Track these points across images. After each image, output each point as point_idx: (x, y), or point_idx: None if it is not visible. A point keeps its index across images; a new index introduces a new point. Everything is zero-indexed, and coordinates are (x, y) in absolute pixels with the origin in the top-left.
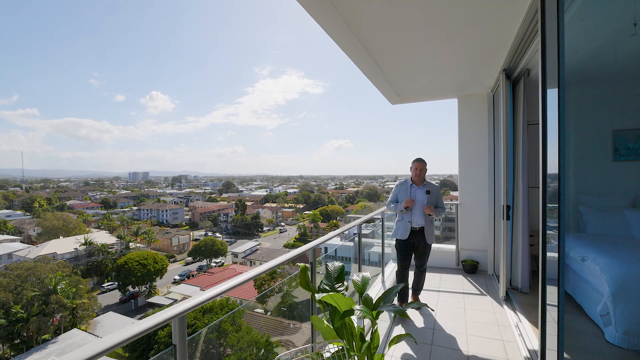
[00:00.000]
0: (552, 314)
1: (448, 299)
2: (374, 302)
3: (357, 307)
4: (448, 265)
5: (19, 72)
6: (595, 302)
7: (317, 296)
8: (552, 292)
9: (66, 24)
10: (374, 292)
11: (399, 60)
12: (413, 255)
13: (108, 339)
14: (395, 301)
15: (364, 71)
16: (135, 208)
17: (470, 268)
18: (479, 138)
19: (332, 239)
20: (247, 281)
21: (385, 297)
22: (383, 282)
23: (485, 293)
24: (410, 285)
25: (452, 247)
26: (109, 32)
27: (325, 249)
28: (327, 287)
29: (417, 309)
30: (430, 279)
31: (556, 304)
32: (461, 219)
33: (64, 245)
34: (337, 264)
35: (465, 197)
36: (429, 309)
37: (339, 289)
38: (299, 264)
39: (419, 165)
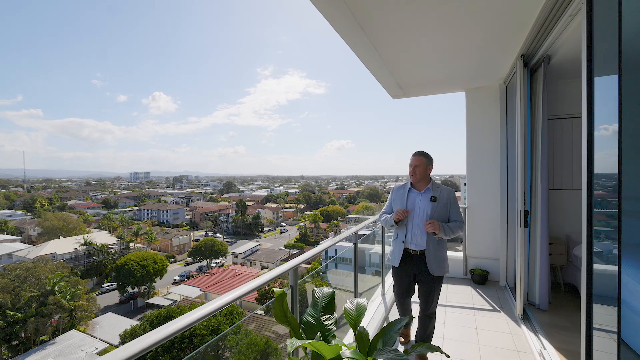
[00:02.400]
0: (603, 343)
1: (457, 315)
2: (370, 338)
3: (346, 352)
4: (455, 274)
5: (23, 73)
6: (637, 329)
7: (291, 343)
8: (602, 314)
9: (69, 24)
10: (372, 309)
11: (400, 44)
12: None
13: None
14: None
15: (361, 57)
16: (136, 208)
17: (479, 278)
18: (489, 136)
19: (332, 240)
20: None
21: (386, 333)
22: (383, 294)
23: (498, 309)
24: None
25: (460, 254)
26: (111, 32)
27: (326, 251)
28: (312, 320)
29: (425, 355)
30: None
31: (615, 330)
32: (469, 224)
33: (64, 246)
34: (326, 289)
35: (474, 200)
36: (444, 355)
37: (325, 322)
38: (274, 289)
39: (414, 160)
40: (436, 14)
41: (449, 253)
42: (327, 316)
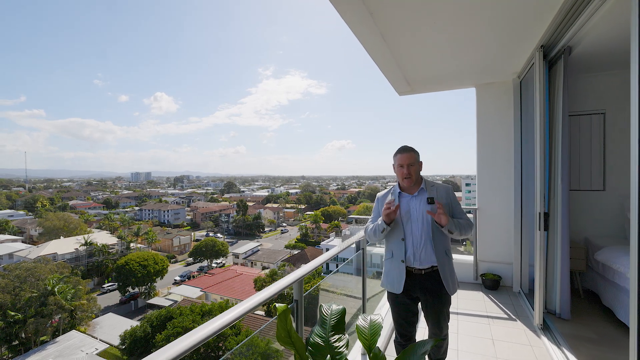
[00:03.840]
0: None
1: (470, 325)
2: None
3: None
4: (465, 279)
5: (27, 73)
6: None
7: None
8: None
9: (71, 25)
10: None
11: (410, 33)
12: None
13: None
14: None
15: (368, 49)
16: (137, 208)
17: (491, 283)
18: (501, 134)
19: (333, 241)
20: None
21: (407, 358)
22: None
23: (514, 317)
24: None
25: (470, 258)
26: (112, 33)
27: (327, 249)
28: (320, 341)
29: None
30: None
31: None
32: (480, 226)
33: (65, 246)
34: (335, 306)
35: (485, 201)
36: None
37: (335, 343)
38: (277, 304)
39: (407, 158)
40: (451, 1)
41: (459, 256)
42: (337, 336)
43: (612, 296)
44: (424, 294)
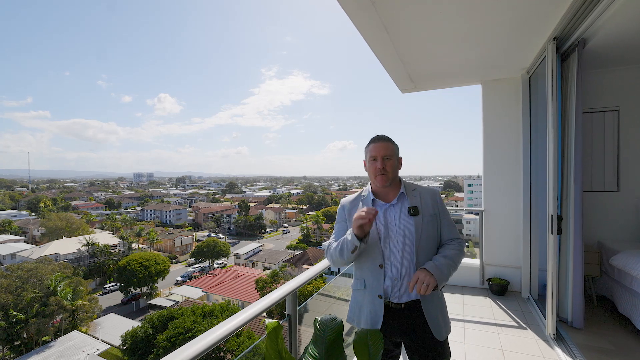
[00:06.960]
0: None
1: (477, 333)
2: None
3: None
4: (470, 283)
5: (31, 74)
6: None
7: None
8: None
9: (74, 25)
10: None
11: (415, 25)
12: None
13: None
14: None
15: (370, 42)
16: (139, 209)
17: (498, 289)
18: (509, 133)
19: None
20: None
21: None
22: None
23: (524, 326)
24: None
25: (475, 261)
26: (116, 34)
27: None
28: None
29: None
30: (452, 300)
31: None
32: (486, 229)
33: (67, 246)
34: (331, 319)
35: (492, 203)
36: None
37: None
38: (267, 320)
39: (380, 147)
40: None
41: (464, 260)
42: (334, 357)
43: (630, 304)
44: (407, 339)
